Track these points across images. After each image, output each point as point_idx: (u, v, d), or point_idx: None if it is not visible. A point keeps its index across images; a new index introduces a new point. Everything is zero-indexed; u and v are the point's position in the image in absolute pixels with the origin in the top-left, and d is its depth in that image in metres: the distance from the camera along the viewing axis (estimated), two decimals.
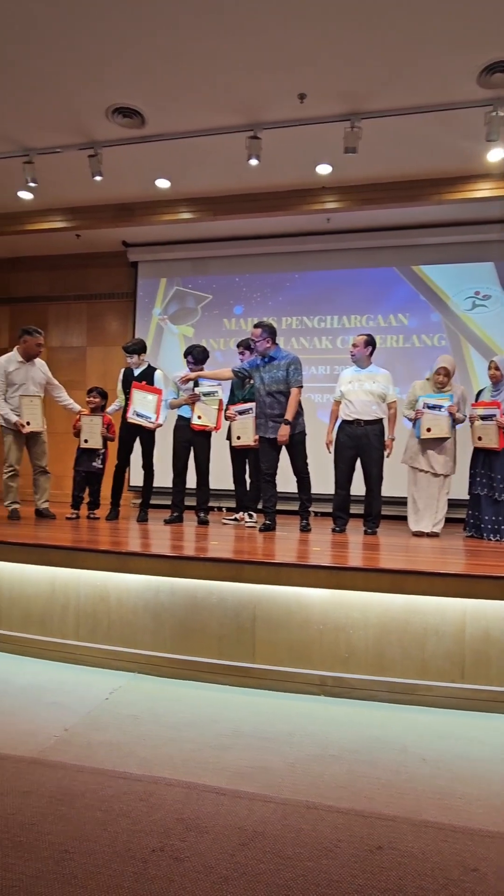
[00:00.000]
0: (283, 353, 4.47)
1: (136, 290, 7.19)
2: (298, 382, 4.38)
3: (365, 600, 2.98)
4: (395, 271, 6.46)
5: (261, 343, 4.41)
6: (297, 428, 4.40)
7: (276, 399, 4.37)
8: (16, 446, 4.77)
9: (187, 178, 5.48)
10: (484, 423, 4.39)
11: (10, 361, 4.73)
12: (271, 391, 4.38)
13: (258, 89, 4.23)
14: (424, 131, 4.61)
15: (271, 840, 1.70)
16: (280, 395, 4.37)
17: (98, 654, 3.29)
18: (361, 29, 3.64)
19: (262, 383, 4.43)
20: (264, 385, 4.42)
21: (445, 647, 2.88)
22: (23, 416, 4.70)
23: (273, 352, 4.44)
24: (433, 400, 4.51)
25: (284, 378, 4.35)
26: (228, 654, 3.10)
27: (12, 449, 4.76)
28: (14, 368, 4.72)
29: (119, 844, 1.64)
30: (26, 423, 4.68)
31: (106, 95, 4.35)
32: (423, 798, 2.01)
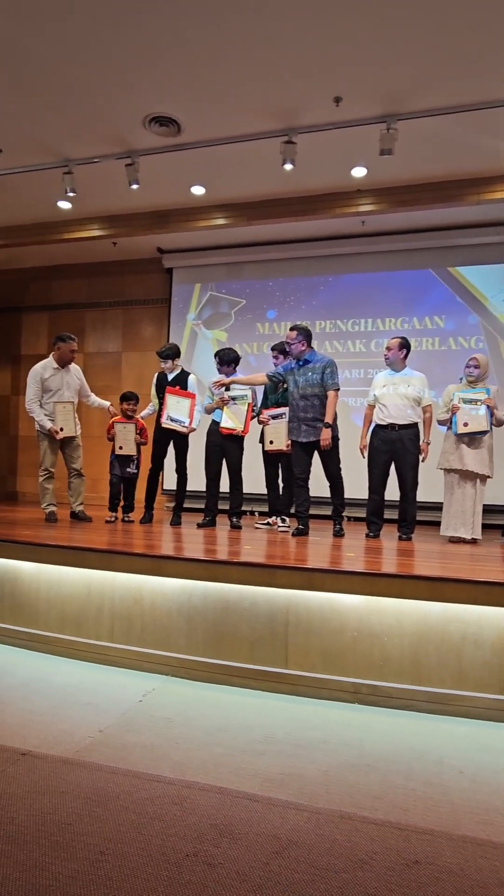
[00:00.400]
0: (319, 357, 4.45)
1: (171, 295, 7.27)
2: (336, 385, 4.35)
3: (400, 607, 2.93)
4: (431, 273, 6.37)
5: (296, 346, 4.40)
6: (332, 432, 4.37)
7: (310, 402, 4.34)
8: (50, 450, 4.87)
9: (222, 184, 5.52)
10: None
11: (45, 368, 4.84)
12: (305, 394, 4.36)
13: (293, 94, 4.23)
14: (461, 131, 4.54)
15: (305, 849, 1.68)
16: (314, 398, 4.33)
17: (132, 656, 3.32)
18: (396, 31, 3.61)
19: (297, 387, 4.42)
20: (298, 388, 4.40)
21: (484, 657, 2.81)
22: (56, 423, 4.80)
23: (308, 355, 4.43)
24: (469, 395, 4.42)
25: (320, 381, 4.32)
26: (261, 659, 3.09)
27: (47, 453, 4.86)
28: (49, 375, 4.83)
29: (153, 848, 1.65)
30: (60, 429, 4.78)
31: (143, 105, 4.42)
32: (461, 812, 1.95)
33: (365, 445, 4.64)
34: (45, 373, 4.82)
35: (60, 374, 4.87)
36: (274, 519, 4.98)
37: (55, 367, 4.87)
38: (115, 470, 5.05)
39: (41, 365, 4.87)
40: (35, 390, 4.79)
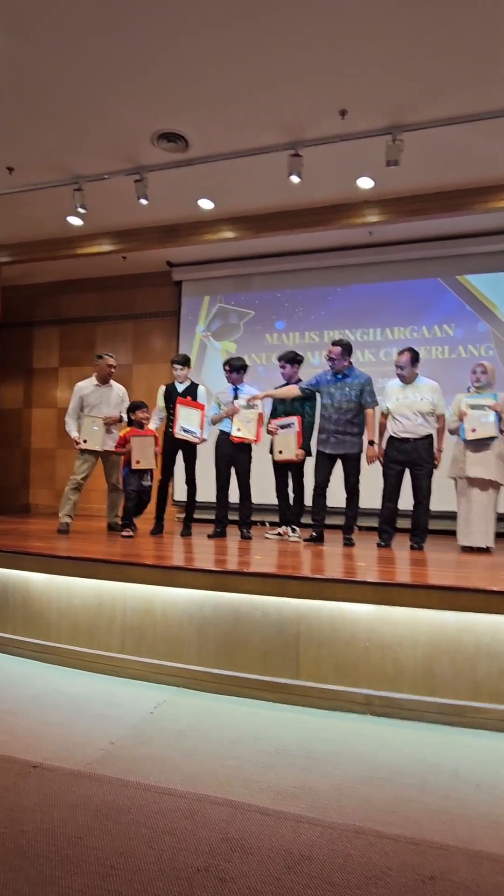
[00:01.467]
0: (358, 373, 4.61)
1: (181, 308, 7.33)
2: (375, 403, 4.55)
3: (413, 617, 2.90)
4: (439, 282, 6.37)
5: (339, 361, 4.55)
6: (353, 447, 4.50)
7: (345, 417, 4.48)
8: (87, 463, 5.01)
9: (230, 197, 5.57)
10: None
11: (87, 385, 5.11)
12: (342, 408, 4.48)
13: (299, 108, 4.27)
14: (467, 140, 4.55)
15: (318, 865, 1.65)
16: (350, 412, 4.48)
17: (143, 668, 3.31)
18: (401, 42, 3.64)
19: (332, 400, 4.53)
20: (334, 402, 4.51)
21: (500, 667, 2.77)
22: (81, 434, 4.88)
23: (347, 370, 4.57)
24: (476, 400, 4.40)
25: (357, 397, 4.48)
26: (272, 670, 3.06)
27: (84, 466, 5.00)
28: (89, 391, 5.07)
29: (164, 862, 1.63)
30: (83, 440, 4.86)
31: (150, 121, 4.48)
32: (477, 826, 1.92)
33: (382, 453, 4.63)
34: (84, 390, 5.08)
35: (100, 391, 5.07)
36: (285, 529, 4.96)
37: (96, 383, 5.11)
38: (131, 484, 4.89)
39: (84, 382, 5.14)
40: (74, 405, 5.06)
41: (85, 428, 4.93)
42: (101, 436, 4.94)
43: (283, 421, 4.78)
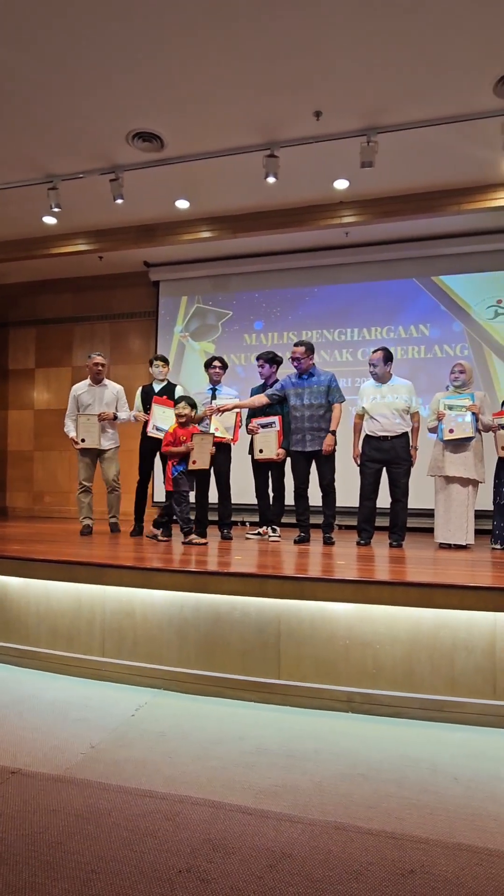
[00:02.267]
0: (321, 371, 4.67)
1: (158, 308, 7.30)
2: (342, 399, 4.61)
3: (392, 615, 2.93)
4: (415, 282, 6.44)
5: (305, 361, 4.58)
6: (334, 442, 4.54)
7: (316, 414, 4.53)
8: (84, 465, 5.03)
9: (206, 197, 5.57)
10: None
11: (81, 386, 5.14)
12: (313, 406, 4.54)
13: (274, 109, 4.29)
14: (441, 143, 4.62)
15: (300, 862, 1.66)
16: (321, 409, 4.54)
17: (123, 671, 3.29)
18: (375, 45, 3.68)
19: (301, 401, 4.57)
20: (303, 402, 4.56)
21: (476, 662, 2.81)
22: (79, 434, 4.89)
23: (312, 369, 4.62)
24: (453, 401, 4.47)
25: (325, 395, 4.54)
26: (253, 670, 3.07)
27: (81, 467, 5.03)
28: (82, 392, 5.09)
29: (145, 865, 1.63)
30: (81, 440, 4.88)
31: (126, 121, 4.46)
32: (456, 819, 1.95)
33: (359, 454, 4.67)
34: (78, 390, 5.11)
35: (93, 390, 5.08)
36: (265, 528, 4.97)
37: (89, 383, 5.11)
38: (183, 485, 4.46)
39: (80, 383, 5.18)
40: (70, 407, 5.11)
41: (81, 427, 4.95)
42: (97, 433, 4.94)
43: (265, 420, 4.78)
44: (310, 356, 4.60)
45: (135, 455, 5.12)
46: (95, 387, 5.08)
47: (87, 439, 4.93)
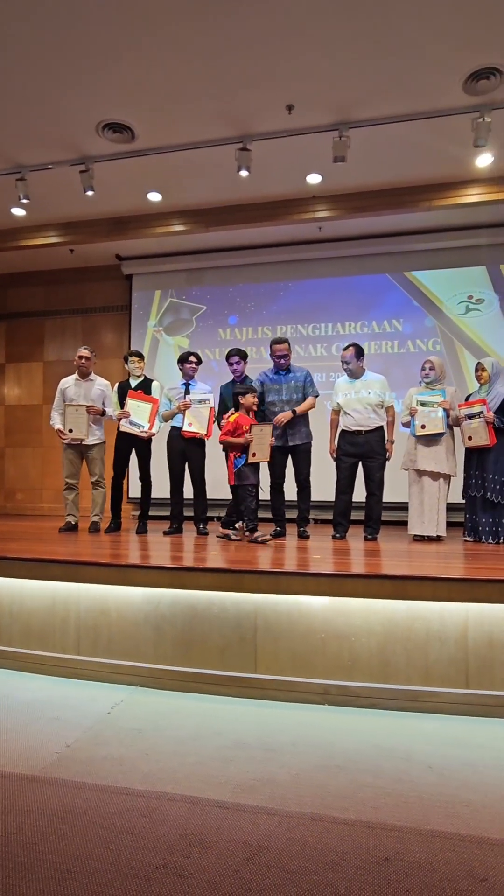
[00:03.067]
0: (296, 367, 4.73)
1: (131, 302, 7.22)
2: (317, 392, 4.67)
3: (367, 607, 2.96)
4: (387, 278, 6.49)
5: (288, 357, 4.65)
6: (305, 437, 4.60)
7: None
8: (68, 461, 4.95)
9: (179, 190, 5.52)
10: (471, 421, 4.39)
11: (68, 380, 5.05)
12: (291, 401, 4.59)
13: (246, 101, 4.27)
14: (413, 139, 4.65)
15: (276, 854, 1.67)
16: (297, 404, 4.60)
17: (99, 668, 3.26)
18: (346, 40, 3.68)
19: (280, 396, 4.61)
20: (282, 397, 4.59)
21: (449, 652, 2.86)
22: (66, 424, 4.81)
23: (289, 364, 4.68)
24: (425, 397, 4.54)
25: (302, 390, 4.59)
26: (230, 664, 3.07)
27: (65, 463, 4.96)
28: (67, 386, 5.01)
29: (122, 862, 1.62)
30: (69, 430, 4.81)
31: (95, 111, 4.39)
32: (430, 807, 1.98)
33: (334, 449, 4.70)
34: (65, 384, 5.04)
35: (79, 385, 5.00)
36: (241, 524, 4.97)
37: (76, 378, 5.03)
38: (248, 479, 4.30)
39: (67, 378, 5.09)
40: (57, 401, 5.01)
41: (69, 417, 4.85)
42: (85, 424, 4.85)
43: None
44: (290, 352, 4.68)
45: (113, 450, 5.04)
46: (82, 381, 5.00)
47: (75, 430, 4.83)
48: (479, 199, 5.32)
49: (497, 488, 4.32)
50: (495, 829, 1.84)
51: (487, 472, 4.35)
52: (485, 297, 6.22)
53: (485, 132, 4.26)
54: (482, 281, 6.23)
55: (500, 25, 3.57)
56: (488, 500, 4.35)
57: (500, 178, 5.21)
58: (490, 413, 4.30)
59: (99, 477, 4.98)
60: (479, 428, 4.34)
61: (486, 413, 4.30)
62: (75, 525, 4.95)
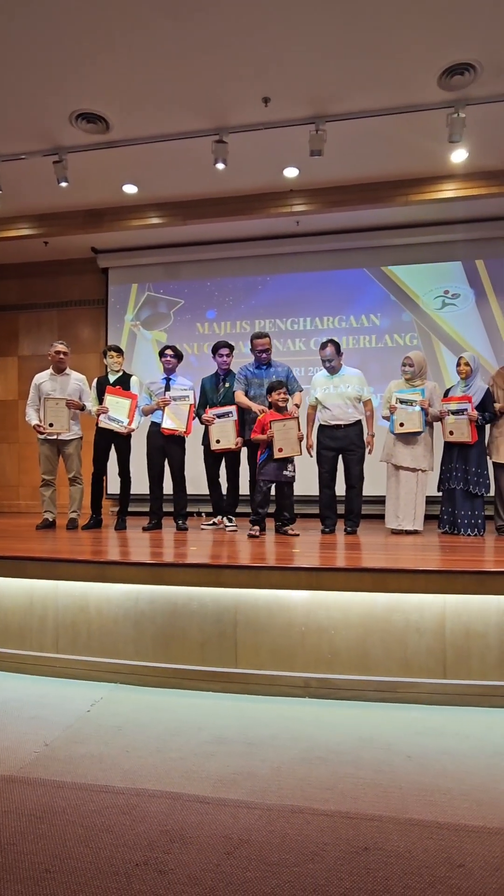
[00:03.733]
0: (277, 362, 4.76)
1: (108, 296, 7.14)
2: (300, 388, 4.70)
3: (346, 600, 2.98)
4: (365, 272, 6.52)
5: (269, 351, 4.66)
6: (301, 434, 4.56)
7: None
8: (45, 457, 4.88)
9: (155, 183, 5.46)
10: (455, 417, 4.42)
11: (43, 375, 4.96)
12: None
13: (222, 93, 4.23)
14: (389, 133, 4.66)
15: (257, 847, 1.68)
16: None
17: (79, 666, 3.23)
18: (323, 33, 3.67)
19: (262, 391, 4.59)
20: (263, 392, 4.56)
21: (427, 643, 2.90)
22: (45, 419, 4.73)
23: (271, 360, 4.70)
24: (405, 395, 4.57)
25: (285, 384, 4.52)
26: (211, 660, 3.07)
27: (42, 459, 4.88)
28: (42, 381, 4.93)
29: (101, 860, 1.61)
30: (49, 424, 4.75)
31: (69, 101, 4.31)
32: (409, 796, 2.01)
33: (311, 444, 4.71)
34: (39, 379, 4.95)
35: (56, 380, 4.92)
36: (220, 518, 4.97)
37: (51, 373, 4.95)
38: (266, 474, 4.32)
39: (42, 373, 5.00)
40: (32, 396, 4.92)
41: (48, 411, 4.75)
42: (66, 417, 4.77)
43: (221, 410, 4.72)
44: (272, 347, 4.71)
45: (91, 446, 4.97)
46: (58, 376, 4.92)
47: (56, 424, 4.74)
48: (454, 195, 5.36)
49: (479, 481, 4.38)
50: (472, 816, 1.87)
51: (470, 465, 4.40)
52: (461, 291, 6.28)
53: (459, 128, 4.28)
54: (458, 276, 6.28)
55: (475, 21, 3.58)
56: (469, 493, 4.40)
57: (475, 174, 5.26)
58: (474, 412, 4.34)
59: (76, 473, 4.92)
60: (462, 425, 4.38)
61: (470, 411, 4.34)
62: (53, 522, 4.89)
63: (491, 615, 2.86)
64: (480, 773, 2.16)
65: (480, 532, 4.38)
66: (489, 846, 1.70)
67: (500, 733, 2.50)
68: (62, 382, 4.90)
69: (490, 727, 2.56)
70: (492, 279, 6.21)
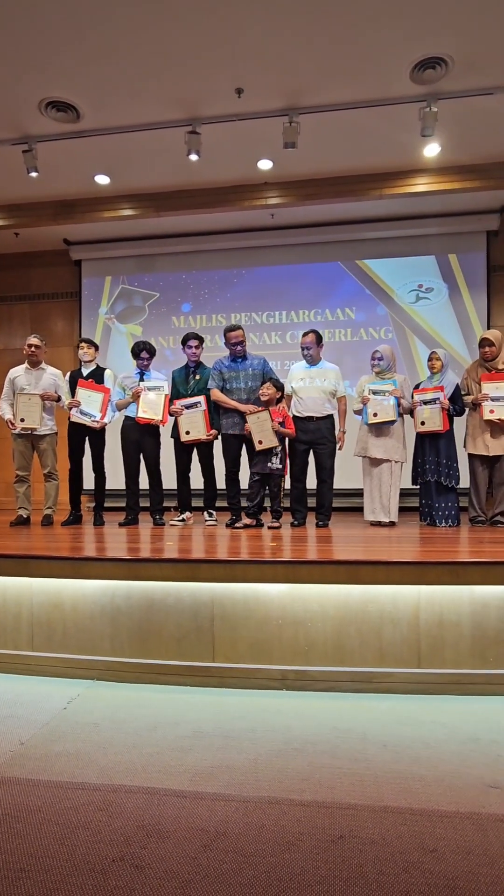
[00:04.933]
0: (252, 355, 4.74)
1: (81, 289, 7.04)
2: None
3: (323, 593, 3.01)
4: (340, 266, 6.54)
5: (243, 344, 4.63)
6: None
7: (251, 398, 4.55)
8: (19, 452, 4.81)
9: (128, 174, 5.39)
10: (428, 406, 4.51)
11: (18, 369, 4.90)
12: (250, 389, 4.57)
13: (195, 83, 4.19)
14: (363, 126, 4.67)
15: (234, 839, 1.69)
16: (255, 392, 4.58)
17: (54, 664, 3.20)
18: (295, 24, 3.65)
19: (238, 384, 4.58)
20: (241, 385, 4.57)
21: (402, 634, 2.94)
22: (17, 414, 4.67)
23: (246, 353, 4.67)
24: (377, 386, 4.62)
25: (260, 378, 4.58)
26: (188, 654, 3.07)
27: (16, 455, 4.81)
28: (17, 375, 4.85)
29: (77, 857, 1.60)
30: (20, 420, 4.68)
31: (38, 88, 4.23)
32: (384, 784, 2.04)
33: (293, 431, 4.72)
34: (14, 374, 4.87)
35: (30, 374, 4.84)
36: (189, 515, 4.92)
37: (26, 367, 4.87)
38: (255, 466, 4.46)
39: (16, 367, 4.93)
40: (6, 390, 4.85)
41: (20, 406, 4.68)
42: (38, 413, 4.69)
43: (188, 401, 4.69)
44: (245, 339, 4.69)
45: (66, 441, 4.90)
46: (33, 370, 4.84)
47: (27, 419, 4.66)
48: (427, 189, 5.40)
49: (450, 473, 4.48)
50: (445, 802, 1.91)
51: (441, 457, 4.50)
52: (434, 286, 6.34)
53: (431, 122, 4.31)
54: (432, 270, 6.34)
55: (446, 15, 3.60)
56: (442, 485, 4.49)
57: (448, 168, 5.30)
58: (446, 400, 4.43)
59: (51, 469, 4.85)
60: (434, 414, 4.47)
61: (443, 400, 4.43)
62: (27, 519, 4.83)
63: (464, 605, 2.91)
64: (453, 759, 2.21)
65: (455, 523, 4.46)
66: (461, 830, 1.73)
67: (472, 720, 2.55)
68: (37, 377, 4.82)
69: (463, 715, 2.61)
70: (464, 273, 6.28)
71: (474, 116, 4.55)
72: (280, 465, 4.42)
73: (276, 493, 4.52)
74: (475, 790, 1.98)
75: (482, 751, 2.27)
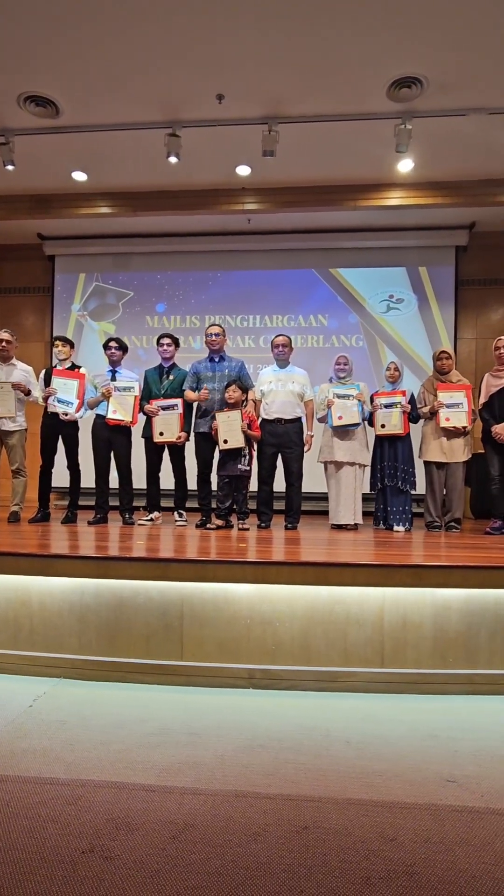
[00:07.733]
0: (230, 356, 4.80)
1: (54, 284, 6.98)
2: (252, 384, 4.77)
3: (290, 593, 3.07)
4: (314, 273, 6.65)
5: (220, 337, 4.69)
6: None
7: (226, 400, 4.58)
8: None
9: (106, 171, 5.39)
10: (387, 410, 4.69)
11: None
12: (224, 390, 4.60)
13: (176, 87, 4.23)
14: (340, 139, 4.78)
15: (201, 830, 1.73)
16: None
17: (20, 661, 3.18)
18: (278, 35, 3.73)
19: (213, 385, 4.63)
20: (215, 386, 4.61)
21: (366, 634, 3.02)
22: None
23: (223, 353, 4.72)
24: (342, 390, 4.75)
25: (237, 379, 4.59)
26: (156, 653, 3.09)
27: None
28: None
29: (47, 850, 1.62)
30: None
31: (17, 82, 4.20)
32: (347, 778, 2.10)
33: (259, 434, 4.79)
34: None
35: (0, 370, 4.75)
36: (157, 515, 4.93)
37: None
38: (223, 469, 4.49)
39: None
40: None
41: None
42: (11, 401, 4.63)
43: (166, 402, 4.72)
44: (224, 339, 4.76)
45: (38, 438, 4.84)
46: (3, 365, 4.77)
47: (0, 408, 4.63)
48: (400, 202, 5.56)
49: (406, 477, 4.67)
50: (405, 794, 1.98)
51: (398, 461, 4.68)
52: (405, 297, 6.51)
53: (406, 139, 4.45)
54: (402, 281, 6.51)
55: (422, 37, 3.73)
56: (398, 489, 4.65)
57: (421, 184, 5.47)
58: (408, 404, 4.60)
59: (19, 465, 4.79)
60: (395, 417, 4.63)
61: (405, 403, 4.59)
62: None
63: (426, 607, 3.02)
64: (413, 755, 2.29)
65: (409, 526, 4.63)
66: (419, 820, 1.81)
67: (431, 718, 2.64)
68: (7, 372, 4.77)
69: (422, 713, 2.70)
70: (434, 286, 6.47)
71: (447, 136, 4.71)
72: (248, 468, 4.48)
73: (244, 494, 4.57)
74: (433, 783, 2.06)
75: (440, 747, 2.36)
